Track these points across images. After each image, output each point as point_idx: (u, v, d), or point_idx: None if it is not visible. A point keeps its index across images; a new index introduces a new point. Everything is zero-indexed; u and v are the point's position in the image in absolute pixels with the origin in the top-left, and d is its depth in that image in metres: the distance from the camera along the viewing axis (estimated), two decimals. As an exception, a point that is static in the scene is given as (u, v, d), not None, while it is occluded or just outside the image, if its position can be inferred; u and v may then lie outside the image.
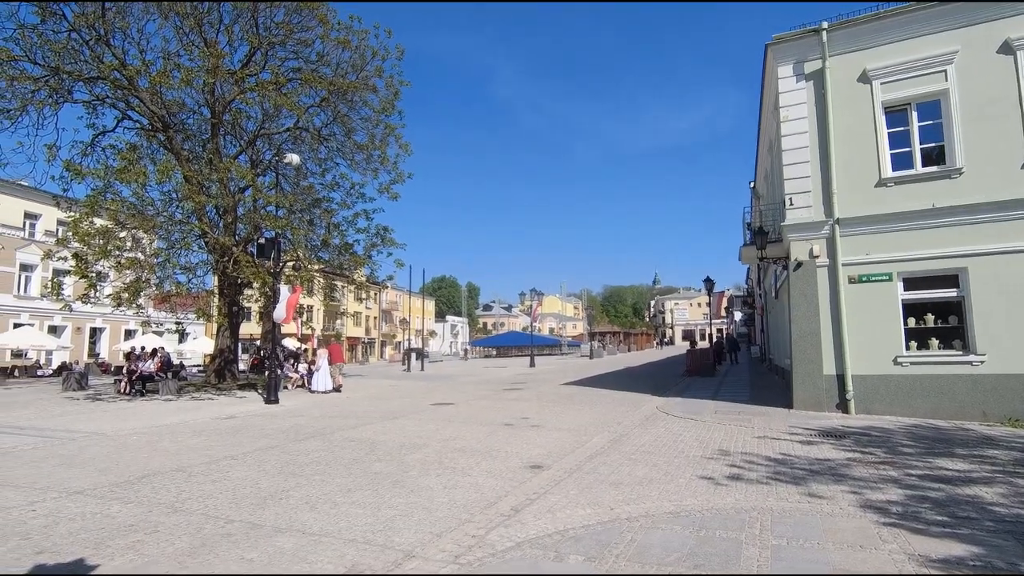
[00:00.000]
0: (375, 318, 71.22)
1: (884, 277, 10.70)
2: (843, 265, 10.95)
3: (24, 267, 32.94)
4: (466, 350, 74.46)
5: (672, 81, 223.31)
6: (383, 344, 73.25)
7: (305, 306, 36.16)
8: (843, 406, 10.76)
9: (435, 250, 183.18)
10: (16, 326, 31.12)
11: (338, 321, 60.55)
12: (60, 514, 5.05)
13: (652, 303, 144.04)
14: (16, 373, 28.26)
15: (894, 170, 10.84)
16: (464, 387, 20.31)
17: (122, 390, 17.79)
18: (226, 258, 16.67)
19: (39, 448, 8.53)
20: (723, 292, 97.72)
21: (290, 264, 19.46)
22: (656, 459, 7.15)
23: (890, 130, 10.98)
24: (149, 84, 16.00)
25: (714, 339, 33.97)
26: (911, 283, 10.67)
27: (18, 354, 31.21)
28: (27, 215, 33.29)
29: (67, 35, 15.96)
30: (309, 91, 18.94)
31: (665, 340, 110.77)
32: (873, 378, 10.64)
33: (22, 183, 26.19)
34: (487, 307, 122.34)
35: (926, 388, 10.26)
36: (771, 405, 12.18)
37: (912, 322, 10.66)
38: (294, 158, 16.31)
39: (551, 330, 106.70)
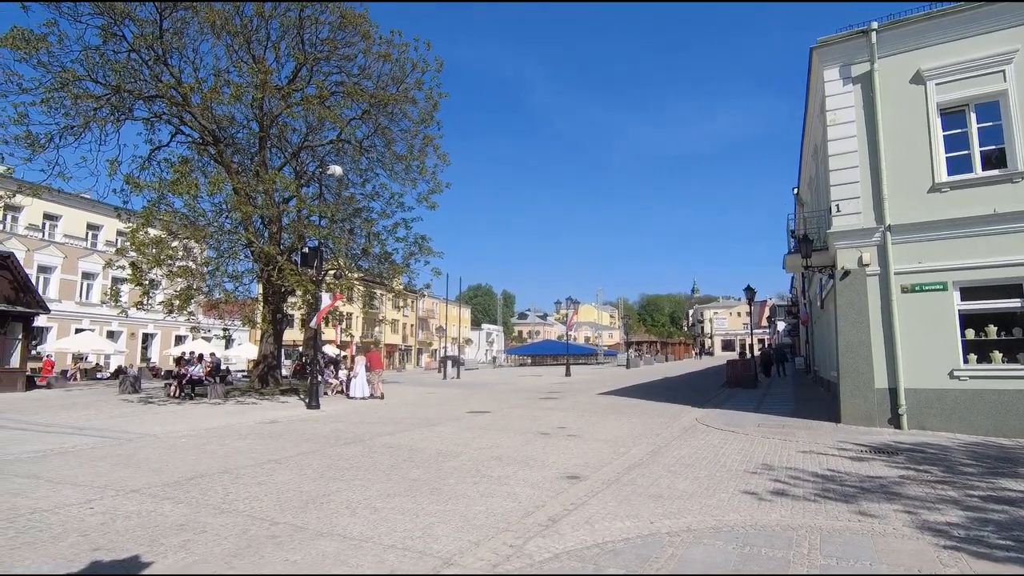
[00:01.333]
0: (412, 326, 72.14)
1: (939, 286, 10.22)
2: (895, 274, 10.51)
3: (86, 275, 34.78)
4: (494, 358, 74.57)
5: (712, 86, 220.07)
6: (420, 351, 74.09)
7: (345, 313, 36.93)
8: (895, 421, 10.29)
9: (471, 259, 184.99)
10: (78, 331, 32.85)
11: (376, 328, 61.59)
12: (116, 512, 5.28)
13: (690, 312, 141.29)
14: (77, 376, 29.78)
15: (950, 174, 10.38)
16: (500, 395, 20.33)
17: (172, 393, 18.51)
18: (271, 267, 17.21)
19: (97, 448, 8.95)
20: (765, 301, 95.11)
21: (331, 272, 19.94)
22: (697, 472, 6.99)
23: (945, 132, 10.53)
24: (201, 100, 16.75)
25: (755, 349, 32.79)
26: (969, 293, 10.15)
27: (79, 358, 32.89)
28: (89, 226, 35.19)
29: (127, 55, 16.88)
30: (351, 104, 19.49)
31: (704, 350, 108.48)
32: (928, 392, 10.14)
33: (85, 196, 27.67)
34: (522, 315, 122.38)
35: (987, 404, 9.71)
36: (817, 419, 11.75)
37: (971, 334, 10.13)
38: (336, 169, 16.75)
39: (587, 339, 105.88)
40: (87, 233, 35.19)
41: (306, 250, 17.32)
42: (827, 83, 11.54)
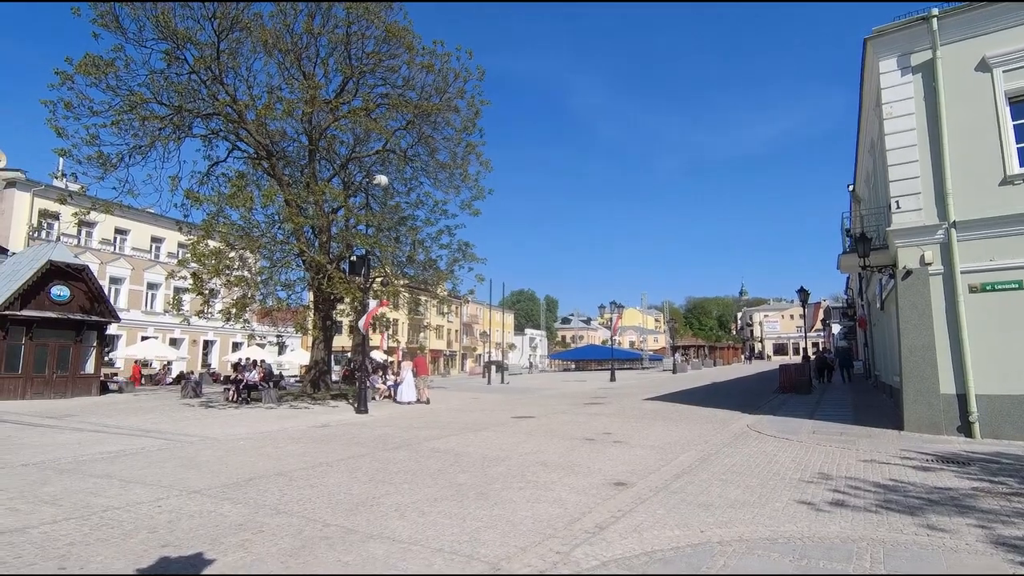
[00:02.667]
0: (456, 331, 72.92)
1: (1013, 285, 9.58)
2: (962, 273, 9.93)
3: (151, 285, 36.81)
4: (530, 364, 74.30)
5: (759, 85, 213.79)
6: (464, 357, 74.78)
7: (391, 320, 37.67)
8: (965, 429, 9.70)
9: (514, 264, 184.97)
10: (144, 339, 34.77)
11: (421, 334, 62.59)
12: (181, 511, 5.56)
13: (739, 315, 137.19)
14: (143, 381, 31.51)
15: (1022, 166, 9.73)
16: (544, 400, 20.28)
17: (230, 398, 19.32)
18: (321, 275, 17.77)
19: (163, 450, 9.45)
20: (819, 303, 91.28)
21: (378, 280, 20.41)
22: (749, 480, 6.78)
23: (1016, 122, 9.89)
24: (256, 116, 17.52)
25: (809, 353, 31.25)
26: (1048, 292, 9.47)
27: (145, 364, 34.79)
28: (153, 239, 37.26)
29: (188, 77, 17.84)
30: (396, 115, 19.95)
31: (754, 354, 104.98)
32: (1003, 399, 9.51)
33: (150, 211, 29.33)
34: (566, 320, 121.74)
35: (1070, 411, 9.02)
36: (878, 426, 11.19)
37: (1050, 336, 9.44)
38: (382, 179, 17.18)
39: (631, 343, 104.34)
40: (151, 246, 37.27)
41: (354, 258, 17.81)
42: (883, 75, 11.04)
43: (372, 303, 17.00)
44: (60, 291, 21.30)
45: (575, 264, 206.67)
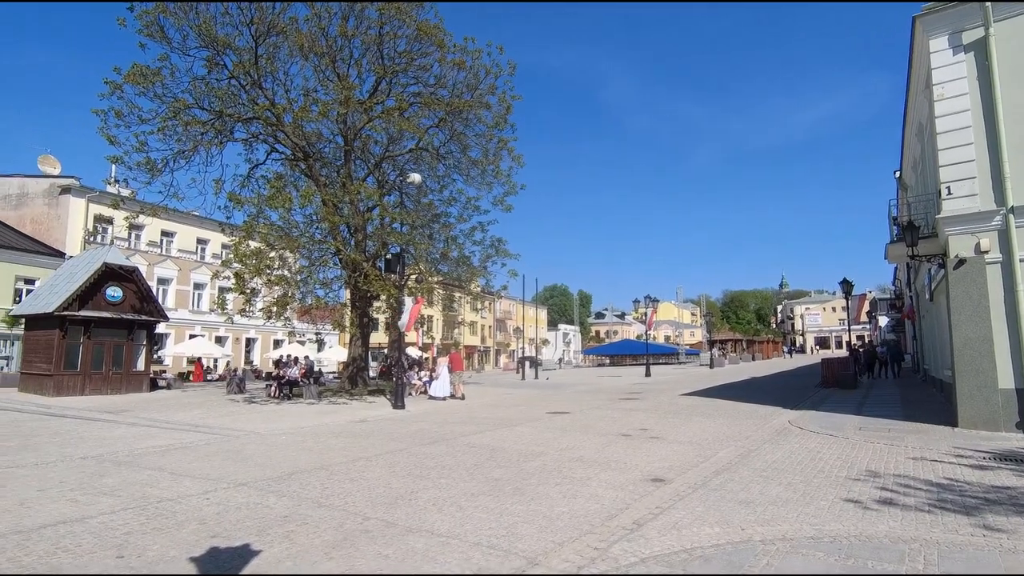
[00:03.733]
0: (490, 327, 73.26)
1: (1077, 274, 9.04)
2: (1021, 261, 9.41)
3: (197, 286, 38.22)
4: (561, 359, 74.02)
5: (799, 70, 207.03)
6: (497, 352, 75.10)
7: (425, 316, 38.14)
8: (1025, 426, 9.21)
9: (547, 260, 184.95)
10: (191, 337, 36.15)
11: (455, 330, 63.13)
12: (229, 503, 5.76)
13: (779, 308, 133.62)
14: (191, 377, 32.76)
15: (1086, 147, 9.16)
16: (578, 396, 20.20)
17: (272, 394, 19.90)
18: (357, 273, 18.11)
19: (210, 444, 9.81)
20: (863, 295, 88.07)
21: (413, 277, 20.68)
22: (791, 478, 6.60)
23: (1078, 101, 9.31)
24: (293, 119, 17.95)
25: (854, 346, 30.16)
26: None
27: (192, 361, 36.18)
28: (199, 241, 38.64)
29: (228, 82, 18.40)
30: (428, 113, 20.13)
31: (795, 348, 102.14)
32: (1066, 394, 8.99)
33: (195, 213, 30.45)
34: (599, 315, 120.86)
35: None
36: (929, 422, 10.75)
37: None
38: (416, 177, 17.37)
39: (667, 338, 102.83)
40: (197, 247, 38.65)
41: (389, 256, 18.09)
42: (933, 54, 10.53)
43: (408, 301, 17.23)
44: (114, 292, 22.29)
45: (609, 258, 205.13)
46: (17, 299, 28.66)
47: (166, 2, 16.56)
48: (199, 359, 33.42)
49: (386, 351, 40.90)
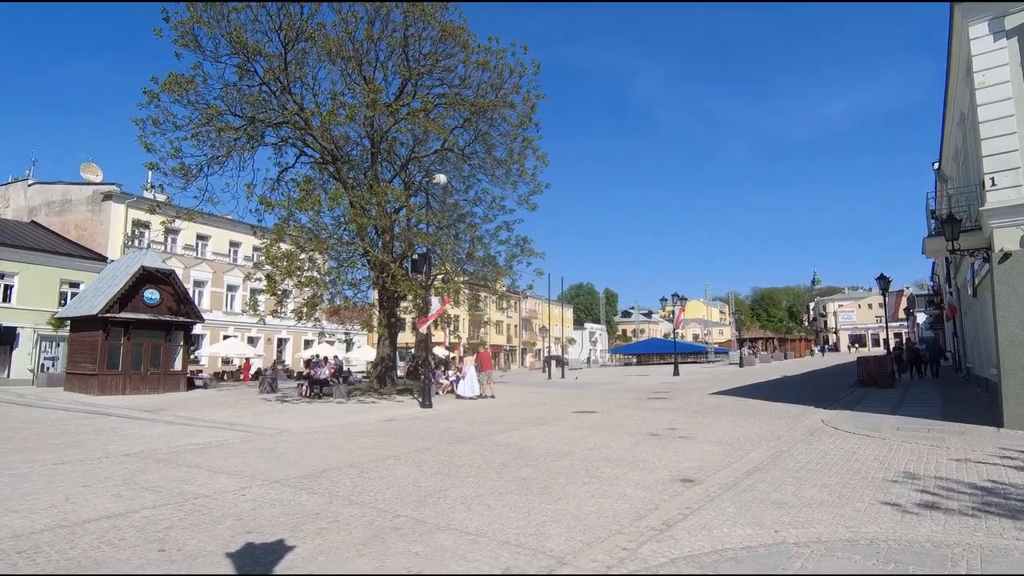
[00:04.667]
0: (515, 326, 73.32)
1: None
2: (1069, 255, 9.00)
3: (230, 287, 39.20)
4: (588, 358, 73.52)
5: (832, 60, 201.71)
6: (523, 352, 75.11)
7: (452, 316, 38.39)
8: (1076, 427, 8.80)
9: (573, 258, 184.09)
10: (225, 337, 37.10)
11: (481, 330, 63.36)
12: (263, 500, 5.90)
13: (811, 305, 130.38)
14: (225, 377, 33.64)
15: None
16: (605, 395, 20.07)
17: (303, 393, 20.29)
18: (385, 274, 18.33)
19: (245, 442, 10.06)
20: (901, 291, 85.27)
21: (439, 277, 20.83)
22: (826, 479, 6.45)
23: None
24: (321, 123, 18.28)
25: (890, 344, 29.05)
26: None
27: (226, 361, 37.14)
28: (231, 244, 39.62)
29: (258, 88, 18.83)
30: (453, 114, 20.26)
31: (828, 346, 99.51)
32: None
33: (228, 217, 31.25)
34: (626, 313, 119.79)
35: None
36: (972, 422, 10.36)
37: None
38: (441, 178, 17.49)
39: (695, 336, 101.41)
40: (230, 250, 39.64)
41: (416, 257, 18.27)
42: (973, 41, 10.15)
43: (434, 301, 17.37)
44: (152, 294, 23.03)
45: (635, 257, 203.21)
46: (62, 302, 29.85)
47: (199, 1, 16.95)
48: (248, 359, 34.25)
49: (413, 351, 41.33)
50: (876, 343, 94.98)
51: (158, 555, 4.24)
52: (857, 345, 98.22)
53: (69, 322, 24.40)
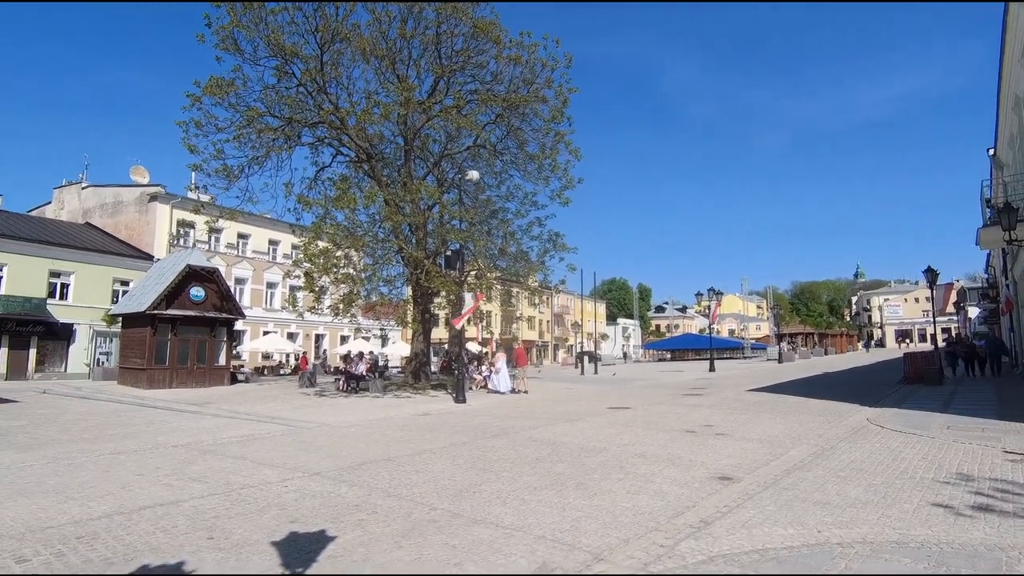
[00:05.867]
0: (548, 322, 73.21)
1: None
2: None
3: (269, 284, 40.36)
4: (625, 354, 72.68)
5: (875, 45, 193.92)
6: (556, 347, 74.96)
7: (484, 312, 38.57)
8: None
9: (605, 253, 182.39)
10: (265, 333, 38.22)
11: (514, 326, 63.47)
12: (305, 491, 6.08)
13: (854, 299, 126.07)
14: (265, 372, 34.67)
15: None
16: (639, 391, 19.88)
17: (340, 388, 20.75)
18: (419, 270, 18.56)
19: (286, 435, 10.35)
20: (950, 284, 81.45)
21: (472, 273, 20.97)
22: (872, 479, 6.25)
23: None
24: (356, 122, 18.59)
25: (939, 339, 27.50)
26: None
27: (267, 356, 38.26)
28: (270, 242, 40.76)
29: (296, 89, 19.27)
30: (485, 110, 20.31)
31: (872, 341, 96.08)
32: None
33: (267, 216, 32.17)
34: (660, 309, 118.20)
35: None
36: (1030, 422, 9.86)
37: None
38: (474, 174, 17.59)
39: (731, 332, 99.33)
40: (269, 248, 40.78)
41: (449, 253, 18.43)
42: (1030, 21, 9.61)
43: (468, 297, 17.50)
44: (197, 291, 23.89)
45: (669, 251, 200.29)
46: (114, 300, 31.28)
47: (239, 1, 17.40)
48: (304, 353, 35.12)
49: (447, 347, 41.75)
50: (923, 338, 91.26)
51: (207, 542, 4.41)
52: (908, 341, 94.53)
53: (120, 319, 25.53)
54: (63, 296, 30.63)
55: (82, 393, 20.05)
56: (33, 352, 29.32)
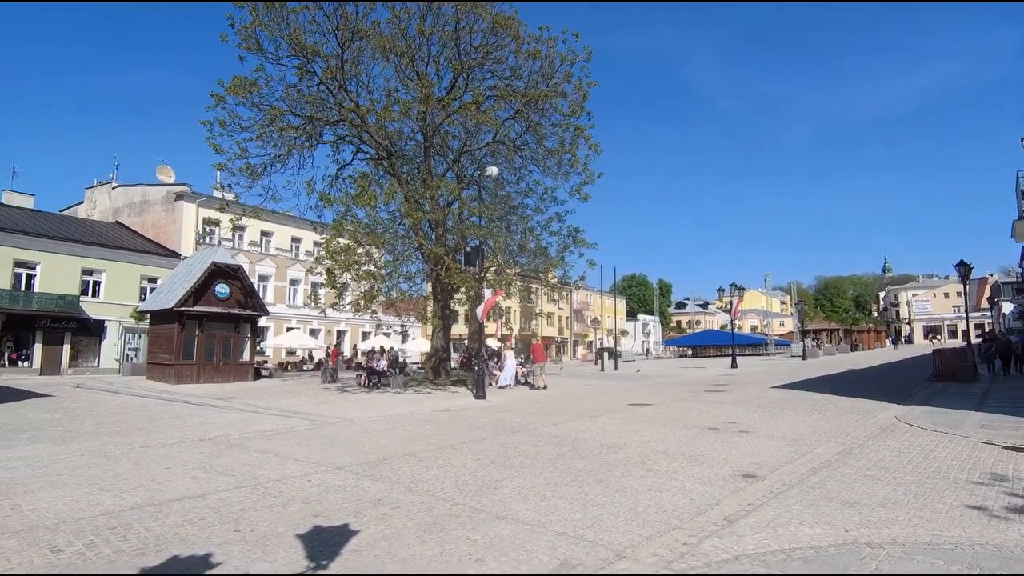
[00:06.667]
0: (567, 318, 73.00)
1: None
2: None
3: (292, 281, 40.93)
4: (646, 350, 72.06)
5: (903, 32, 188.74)
6: (575, 343, 74.73)
7: (503, 308, 38.66)
8: None
9: (625, 249, 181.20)
10: (288, 330, 38.78)
11: (533, 322, 63.43)
12: (328, 485, 6.15)
13: (881, 295, 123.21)
14: (289, 367, 35.20)
15: None
16: (660, 388, 19.72)
17: (362, 383, 20.96)
18: (439, 267, 18.64)
19: (309, 430, 10.50)
20: (984, 278, 79.17)
21: (492, 269, 20.98)
22: (901, 478, 6.11)
23: None
24: (376, 120, 18.72)
25: (973, 336, 26.90)
26: None
27: (290, 352, 38.84)
28: (293, 239, 41.30)
29: (317, 88, 19.46)
30: (504, 105, 20.26)
31: (900, 338, 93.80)
32: None
33: (290, 214, 32.58)
34: (680, 304, 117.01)
35: None
36: (1069, 421, 9.53)
37: None
38: (493, 170, 17.58)
39: (753, 328, 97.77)
40: (291, 245, 41.33)
41: (468, 249, 18.47)
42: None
43: (487, 293, 17.53)
44: (222, 289, 24.33)
45: (691, 246, 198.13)
46: (143, 297, 32.04)
47: (261, 1, 17.61)
48: (335, 346, 35.60)
49: (467, 343, 41.90)
50: (954, 335, 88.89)
51: (234, 535, 4.49)
52: (938, 337, 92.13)
53: (149, 315, 26.13)
54: (95, 293, 31.47)
55: (113, 388, 20.59)
56: (67, 348, 30.20)
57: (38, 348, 29.07)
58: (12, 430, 10.24)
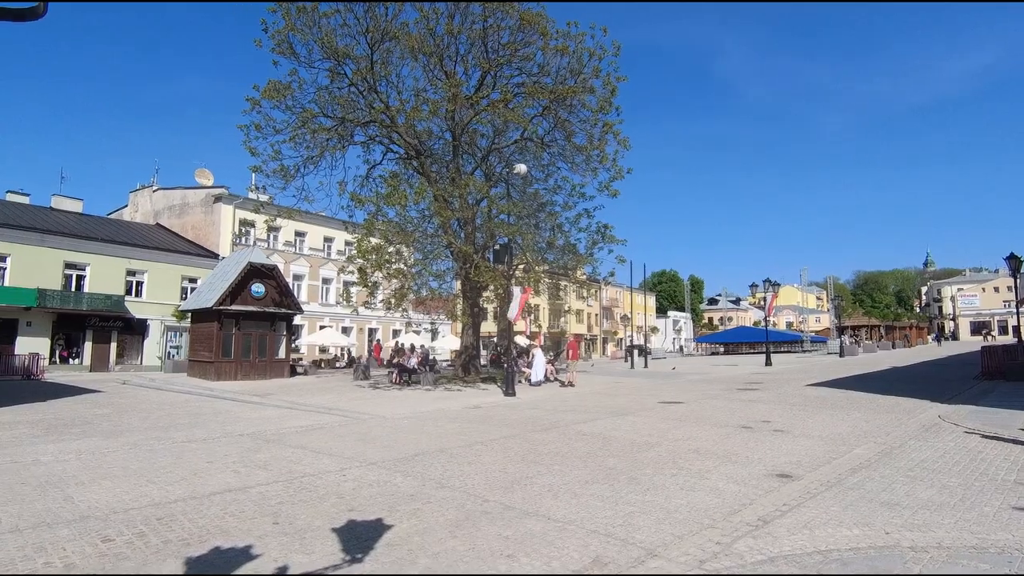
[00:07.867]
0: (596, 315, 72.58)
1: None
2: None
3: (325, 280, 41.76)
4: (677, 347, 71.01)
5: (945, 12, 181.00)
6: (605, 341, 74.23)
7: (532, 305, 38.62)
8: None
9: (655, 245, 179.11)
10: (321, 328, 39.61)
11: (562, 319, 63.26)
12: (362, 480, 6.28)
13: (923, 290, 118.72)
14: (322, 365, 35.96)
15: None
16: (692, 385, 19.45)
17: (393, 380, 21.26)
18: (468, 265, 18.77)
19: (343, 426, 10.72)
20: (1036, 272, 75.59)
21: (521, 267, 21.01)
22: (945, 479, 5.91)
23: None
24: (406, 120, 18.96)
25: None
26: None
27: (323, 350, 39.66)
28: (325, 239, 42.12)
29: (347, 90, 19.80)
30: (532, 102, 20.25)
31: (944, 334, 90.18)
32: None
33: (322, 214, 33.27)
34: (712, 301, 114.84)
35: None
36: None
37: None
38: (522, 168, 17.59)
39: (788, 324, 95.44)
40: (324, 245, 42.16)
41: (497, 247, 18.54)
42: None
43: (516, 290, 17.57)
44: (258, 288, 24.99)
45: (723, 242, 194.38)
46: (183, 296, 33.17)
47: (293, 2, 17.98)
48: (378, 341, 36.17)
49: (496, 340, 42.08)
50: (1004, 331, 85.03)
51: (273, 527, 4.64)
52: (992, 334, 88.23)
53: (190, 314, 27.03)
54: (138, 293, 32.74)
55: (156, 384, 21.39)
56: (114, 346, 31.53)
57: (88, 346, 30.42)
58: (64, 424, 10.75)
